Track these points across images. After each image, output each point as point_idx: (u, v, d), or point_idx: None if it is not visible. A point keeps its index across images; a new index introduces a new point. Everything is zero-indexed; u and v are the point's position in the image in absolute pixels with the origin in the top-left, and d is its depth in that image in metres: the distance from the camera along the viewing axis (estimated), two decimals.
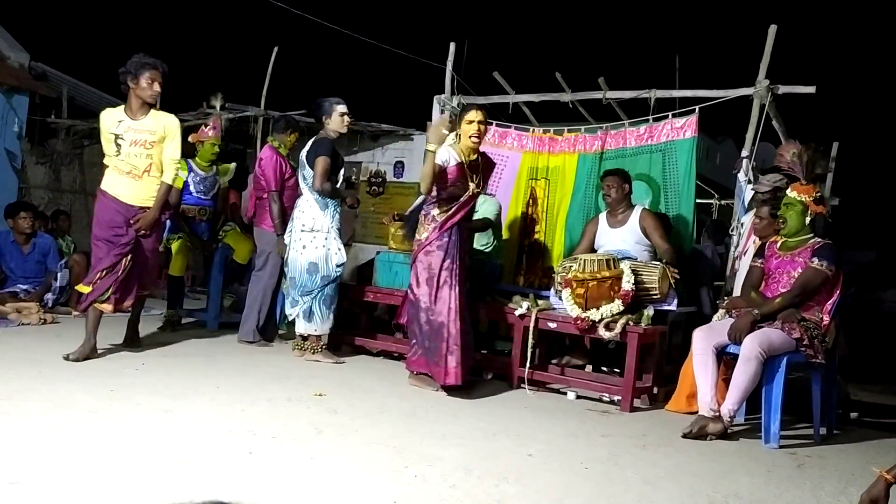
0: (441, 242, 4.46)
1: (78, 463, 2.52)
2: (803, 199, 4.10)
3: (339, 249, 5.13)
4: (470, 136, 4.51)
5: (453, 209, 4.51)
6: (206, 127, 6.08)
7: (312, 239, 5.08)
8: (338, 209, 5.18)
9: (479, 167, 4.62)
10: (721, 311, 4.44)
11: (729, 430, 3.90)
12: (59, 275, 6.26)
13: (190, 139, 6.21)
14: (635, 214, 5.12)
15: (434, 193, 4.47)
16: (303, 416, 3.49)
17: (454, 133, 4.58)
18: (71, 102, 10.81)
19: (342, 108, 5.17)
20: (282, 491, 2.48)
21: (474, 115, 4.51)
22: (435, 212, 4.51)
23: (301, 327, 5.11)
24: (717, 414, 3.89)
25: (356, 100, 5.24)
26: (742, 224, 5.51)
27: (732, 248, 5.56)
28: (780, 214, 4.16)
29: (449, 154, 4.47)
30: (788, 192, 4.16)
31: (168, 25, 15.65)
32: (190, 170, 5.99)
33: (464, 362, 4.36)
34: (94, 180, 10.71)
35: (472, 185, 4.53)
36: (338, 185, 5.18)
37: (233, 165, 6.28)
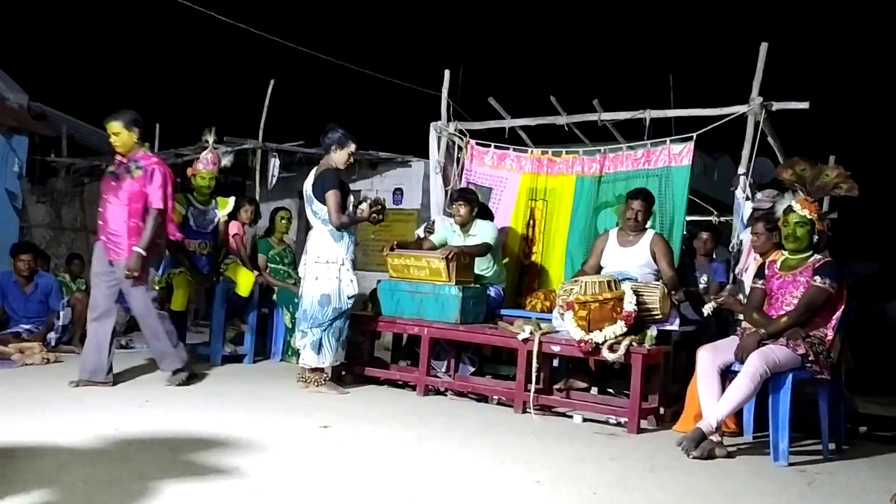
0: None
1: None
2: (812, 218, 4.11)
3: (352, 281, 5.11)
4: None
5: None
6: (198, 161, 6.14)
7: (326, 270, 5.06)
8: (352, 239, 5.18)
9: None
10: (710, 305, 4.42)
11: (713, 438, 3.84)
12: (61, 314, 6.25)
13: (187, 173, 6.27)
14: (647, 237, 5.09)
15: None
16: (308, 448, 3.47)
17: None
18: (70, 141, 10.89)
19: (353, 147, 5.18)
20: None
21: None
22: None
23: (310, 360, 5.07)
24: (721, 439, 3.88)
25: (353, 129, 5.25)
26: (741, 241, 5.52)
27: (734, 265, 5.57)
28: (792, 232, 4.13)
29: None
30: (799, 209, 4.14)
31: (165, 62, 15.80)
32: (189, 204, 6.02)
33: None
34: (94, 218, 10.74)
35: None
36: (348, 211, 5.16)
37: (231, 199, 6.30)
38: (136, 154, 4.80)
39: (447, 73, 7.05)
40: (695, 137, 5.76)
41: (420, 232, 6.28)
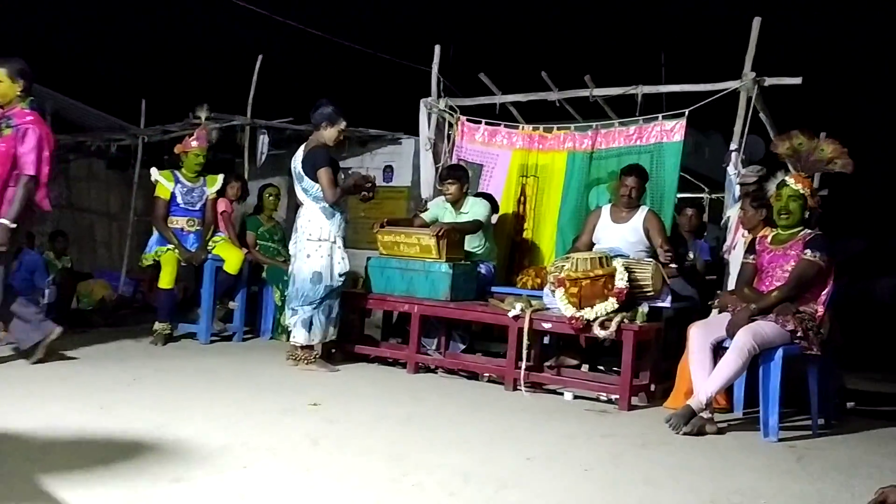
0: None
1: (67, 486, 2.47)
2: (805, 193, 4.09)
3: (343, 258, 5.08)
4: None
5: None
6: (190, 137, 6.05)
7: (318, 248, 5.02)
8: (344, 217, 5.14)
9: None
10: (714, 312, 4.41)
11: (703, 415, 3.85)
12: (46, 292, 6.18)
13: (175, 150, 6.17)
14: (640, 214, 5.07)
15: None
16: (298, 427, 3.44)
17: None
18: (55, 117, 10.70)
19: (343, 124, 5.13)
20: None
21: None
22: None
23: (301, 338, 5.04)
24: (712, 416, 3.89)
25: (343, 105, 5.18)
26: (729, 218, 5.51)
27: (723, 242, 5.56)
28: (784, 206, 4.11)
29: None
30: (792, 183, 4.12)
31: (153, 37, 15.56)
32: (177, 181, 5.94)
33: None
34: (80, 195, 10.63)
35: None
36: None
37: (220, 176, 6.23)
38: (12, 109, 4.39)
39: (437, 48, 6.96)
40: (687, 113, 5.72)
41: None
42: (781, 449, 3.72)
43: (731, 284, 5.05)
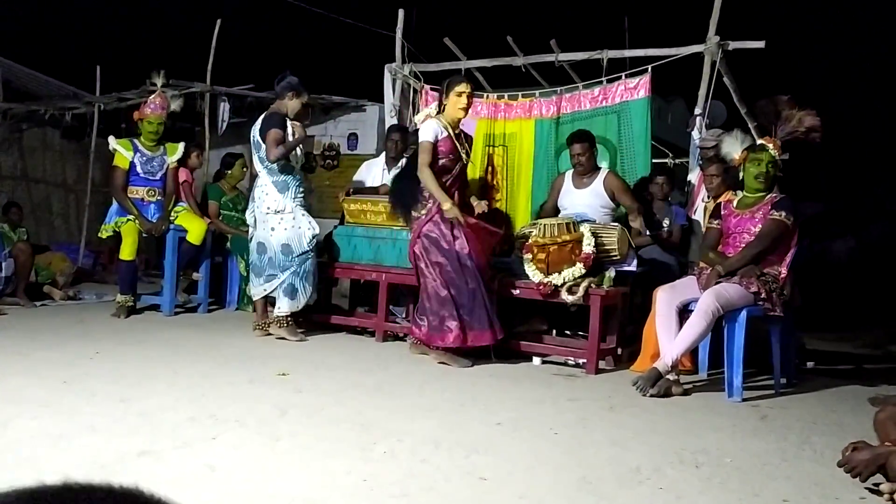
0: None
1: (30, 462, 2.42)
2: (779, 159, 4.14)
3: (310, 223, 5.06)
4: (459, 108, 4.57)
5: (448, 182, 4.58)
6: (145, 104, 5.90)
7: (280, 220, 5.01)
8: (300, 186, 5.09)
9: (464, 138, 4.73)
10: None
11: (669, 377, 3.91)
12: (3, 265, 6.01)
13: (133, 116, 6.01)
14: (600, 177, 5.09)
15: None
16: (266, 397, 3.41)
17: (434, 105, 4.70)
18: (7, 86, 10.35)
19: (306, 97, 5.10)
20: (247, 475, 2.41)
21: (464, 87, 4.57)
22: None
23: (285, 306, 4.99)
24: (677, 377, 3.94)
25: (305, 72, 5.10)
26: (691, 182, 5.54)
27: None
28: (764, 171, 4.13)
29: (437, 127, 4.52)
30: (771, 149, 4.15)
31: (108, 2, 15.06)
32: (136, 150, 5.79)
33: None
34: (34, 166, 10.31)
35: (463, 156, 4.66)
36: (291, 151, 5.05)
37: (181, 144, 6.09)
38: None
39: (401, 12, 6.83)
40: (650, 70, 5.71)
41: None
42: (745, 408, 3.79)
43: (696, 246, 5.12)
